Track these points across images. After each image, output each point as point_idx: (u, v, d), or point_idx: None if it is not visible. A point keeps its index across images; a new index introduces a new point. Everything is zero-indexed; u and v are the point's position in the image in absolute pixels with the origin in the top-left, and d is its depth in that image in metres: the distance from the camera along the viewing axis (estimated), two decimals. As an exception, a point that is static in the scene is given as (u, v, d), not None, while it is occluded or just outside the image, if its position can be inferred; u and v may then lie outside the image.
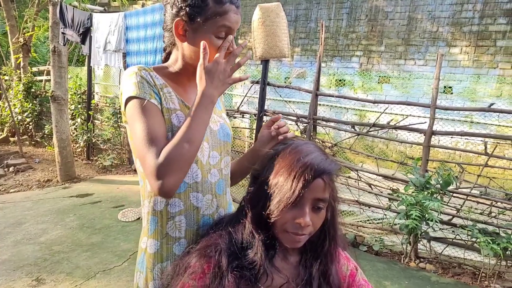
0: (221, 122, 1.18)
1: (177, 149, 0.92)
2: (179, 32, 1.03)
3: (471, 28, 6.35)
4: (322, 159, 0.91)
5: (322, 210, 0.91)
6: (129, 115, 0.99)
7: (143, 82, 1.00)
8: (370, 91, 7.20)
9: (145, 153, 0.94)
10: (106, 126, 6.92)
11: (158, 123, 0.98)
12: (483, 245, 3.04)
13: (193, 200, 1.08)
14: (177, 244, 1.08)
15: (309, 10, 7.92)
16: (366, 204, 4.01)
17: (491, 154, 3.52)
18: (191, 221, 1.08)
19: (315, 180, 0.87)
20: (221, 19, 0.99)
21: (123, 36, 4.58)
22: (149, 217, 1.09)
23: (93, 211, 4.35)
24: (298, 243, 0.91)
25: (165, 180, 0.91)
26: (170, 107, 1.04)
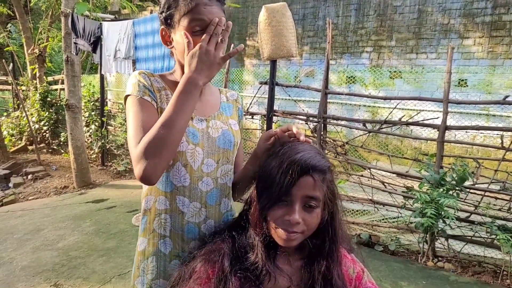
0: (224, 129, 1.16)
1: (154, 134, 0.94)
2: (165, 39, 1.11)
3: (483, 18, 6.20)
4: (311, 156, 0.91)
5: (316, 209, 0.91)
6: (126, 110, 1.06)
7: (139, 83, 1.05)
8: (382, 87, 7.10)
9: (131, 142, 0.98)
10: (120, 131, 7.01)
11: (149, 118, 1.01)
12: (503, 242, 2.95)
13: (179, 204, 1.09)
14: (162, 242, 1.10)
15: (317, 8, 7.86)
16: (380, 203, 3.95)
17: (508, 148, 3.42)
18: (176, 223, 1.09)
19: (303, 177, 0.87)
20: (191, 14, 1.01)
21: (132, 43, 4.64)
22: (140, 216, 1.15)
23: (108, 216, 4.41)
24: (290, 241, 0.90)
25: (143, 165, 0.92)
26: (165, 107, 1.05)
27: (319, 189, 0.90)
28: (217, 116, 1.17)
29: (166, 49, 4.04)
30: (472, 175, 3.33)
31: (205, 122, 1.13)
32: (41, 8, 8.58)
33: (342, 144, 4.57)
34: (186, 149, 1.07)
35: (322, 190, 0.91)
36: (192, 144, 1.08)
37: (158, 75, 1.13)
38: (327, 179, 0.93)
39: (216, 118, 1.17)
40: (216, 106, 1.20)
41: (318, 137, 4.30)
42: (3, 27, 10.05)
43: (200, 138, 1.10)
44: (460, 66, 6.34)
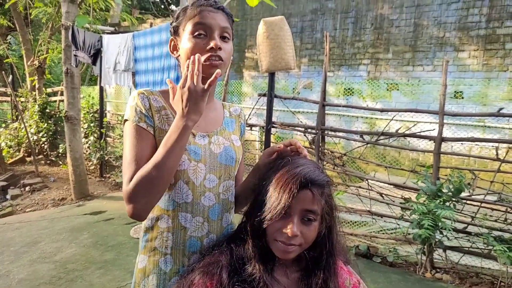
0: (226, 145, 1.17)
1: (145, 174, 0.95)
2: (172, 49, 1.15)
3: (478, 32, 6.31)
4: (310, 170, 0.93)
5: (314, 223, 0.93)
6: (124, 135, 1.08)
7: (136, 107, 1.06)
8: (379, 98, 7.17)
9: (124, 173, 1.00)
10: (118, 143, 7.02)
11: (142, 148, 1.02)
12: (500, 253, 2.96)
13: (181, 220, 1.09)
14: (163, 260, 1.09)
15: (315, 21, 7.98)
16: (378, 214, 3.96)
17: (502, 159, 3.45)
18: (178, 239, 1.09)
19: (302, 191, 0.90)
20: (195, 19, 1.06)
21: (132, 56, 4.69)
22: (142, 234, 1.15)
23: (106, 228, 4.39)
24: (288, 253, 0.92)
25: (133, 205, 0.97)
26: (165, 128, 1.07)
27: (318, 203, 0.92)
28: (219, 132, 1.18)
29: (165, 61, 4.10)
30: (468, 186, 3.35)
31: (207, 138, 1.14)
32: (41, 20, 8.67)
33: (340, 156, 4.60)
34: (188, 167, 1.07)
35: (320, 204, 0.93)
36: (194, 161, 1.08)
37: (158, 92, 1.13)
38: (325, 193, 0.95)
39: (219, 133, 1.17)
40: (219, 121, 1.21)
41: (316, 149, 4.33)
42: (3, 38, 10.12)
43: (202, 154, 1.10)
44: (455, 78, 6.42)
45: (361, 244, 3.84)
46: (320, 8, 7.88)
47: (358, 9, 7.47)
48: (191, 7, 1.09)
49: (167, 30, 4.08)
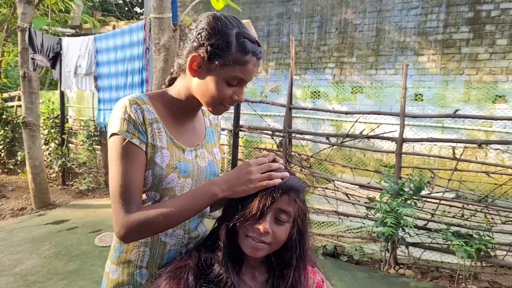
0: (209, 159, 1.15)
1: (152, 220, 0.93)
2: (193, 67, 1.00)
3: (436, 36, 6.60)
4: (290, 177, 0.97)
5: (286, 224, 0.95)
6: (109, 151, 0.98)
7: (129, 119, 0.97)
8: (345, 101, 7.35)
9: (117, 201, 0.95)
10: (81, 149, 6.80)
11: (135, 169, 0.96)
12: (457, 248, 3.10)
13: (161, 235, 1.07)
14: (138, 272, 1.07)
15: (281, 25, 8.07)
16: (344, 214, 4.05)
17: (459, 158, 3.63)
18: (155, 254, 1.07)
19: (280, 191, 0.92)
20: (239, 69, 0.97)
21: (94, 59, 4.57)
22: (115, 244, 1.10)
23: (69, 237, 4.24)
24: (257, 251, 0.93)
25: (129, 238, 0.96)
26: (157, 144, 1.01)
27: (292, 206, 0.94)
28: (204, 145, 1.16)
29: (129, 65, 4.01)
30: (428, 185, 3.50)
31: (194, 152, 1.11)
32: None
33: (307, 158, 4.67)
34: (176, 184, 1.04)
35: (294, 207, 0.95)
36: (183, 178, 1.06)
37: (148, 100, 1.04)
38: (300, 198, 0.97)
39: (203, 147, 1.15)
40: (202, 132, 1.18)
41: (284, 151, 4.37)
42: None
43: (190, 170, 1.08)
44: (416, 81, 6.68)
45: (328, 244, 3.91)
46: (286, 12, 7.99)
47: (323, 13, 7.63)
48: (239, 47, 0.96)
49: (130, 32, 4.00)
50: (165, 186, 1.03)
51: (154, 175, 1.01)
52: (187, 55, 1.01)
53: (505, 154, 5.52)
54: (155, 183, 1.02)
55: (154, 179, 1.02)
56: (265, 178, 0.92)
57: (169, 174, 1.03)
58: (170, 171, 1.03)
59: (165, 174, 1.02)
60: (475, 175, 5.16)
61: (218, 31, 0.96)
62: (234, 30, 0.96)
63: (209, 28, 0.97)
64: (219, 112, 1.07)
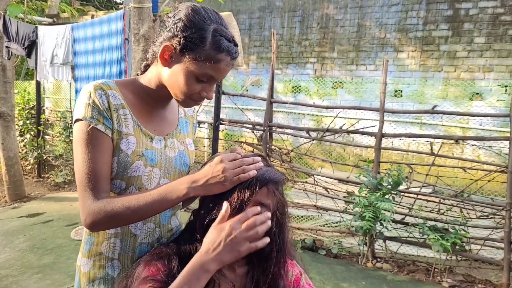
0: (181, 149, 1.12)
1: (119, 211, 0.91)
2: (164, 56, 0.97)
3: (416, 34, 6.70)
4: (268, 169, 0.95)
5: None
6: (74, 137, 0.96)
7: (94, 105, 0.95)
8: (325, 96, 7.39)
9: (83, 189, 0.92)
10: (58, 141, 6.64)
11: (101, 156, 0.94)
12: (434, 242, 3.18)
13: (131, 227, 1.04)
14: (110, 264, 1.05)
15: (263, 18, 8.04)
16: (323, 208, 4.09)
17: (436, 154, 3.70)
18: (126, 246, 1.05)
19: (258, 184, 0.91)
20: (210, 66, 0.94)
21: (71, 48, 4.43)
22: (85, 236, 1.08)
23: (44, 230, 4.15)
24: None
25: (95, 226, 0.93)
26: (123, 130, 0.99)
27: (271, 198, 0.94)
28: (175, 134, 1.12)
29: (107, 55, 3.91)
30: (406, 180, 3.56)
31: (163, 141, 1.08)
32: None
33: (287, 152, 4.68)
34: (143, 173, 1.01)
35: (273, 200, 0.94)
36: (150, 167, 1.03)
37: (115, 86, 1.01)
38: (279, 191, 0.97)
39: (174, 136, 1.12)
40: (174, 122, 1.15)
41: (264, 145, 4.37)
42: None
43: (158, 159, 1.05)
44: (395, 77, 6.77)
45: (307, 238, 3.94)
46: (268, 6, 7.95)
47: (305, 8, 7.62)
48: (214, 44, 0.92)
49: (108, 22, 3.90)
50: (130, 174, 1.00)
51: (119, 162, 0.98)
52: (161, 43, 0.98)
53: (481, 150, 5.68)
54: (120, 171, 0.99)
55: (119, 166, 0.98)
56: (239, 172, 0.90)
57: (135, 162, 1.00)
58: (136, 159, 1.00)
59: (130, 162, 0.99)
60: (452, 170, 5.29)
61: (195, 24, 0.93)
62: (211, 26, 0.93)
63: (185, 20, 0.94)
64: (187, 105, 1.04)
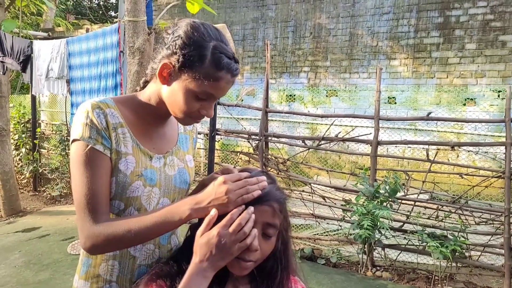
0: (180, 166, 1.09)
1: (120, 234, 0.88)
2: (163, 74, 0.95)
3: (407, 41, 6.79)
4: (271, 187, 0.93)
5: (272, 238, 0.92)
6: (71, 158, 0.93)
7: (92, 124, 0.92)
8: (320, 104, 7.43)
9: (82, 211, 0.90)
10: (54, 154, 6.60)
11: (100, 177, 0.92)
12: (433, 249, 3.14)
13: (130, 249, 1.02)
14: (108, 287, 1.02)
15: (256, 29, 8.11)
16: (321, 217, 4.08)
17: (433, 160, 3.72)
18: (125, 268, 1.02)
19: (263, 205, 0.89)
20: (210, 85, 0.91)
21: (66, 62, 4.44)
22: (83, 257, 1.05)
23: (40, 246, 4.09)
24: (245, 270, 0.90)
25: (95, 250, 0.92)
26: (121, 150, 0.97)
27: (278, 218, 0.92)
28: (174, 152, 1.09)
29: (102, 68, 3.92)
30: (403, 187, 3.57)
31: (162, 159, 1.05)
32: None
33: (283, 161, 4.69)
34: (142, 193, 0.99)
35: (279, 219, 0.93)
36: (149, 187, 1.00)
37: (114, 104, 0.99)
38: (283, 210, 0.95)
39: (174, 154, 1.09)
40: (173, 139, 1.12)
41: (260, 155, 4.38)
42: None
43: (157, 179, 1.02)
44: (389, 85, 6.84)
45: (305, 247, 3.92)
46: (261, 17, 8.03)
47: (297, 18, 7.70)
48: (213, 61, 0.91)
49: (103, 36, 3.92)
50: (129, 194, 0.98)
51: (118, 183, 0.96)
52: (160, 60, 0.96)
53: (476, 155, 5.71)
54: (118, 191, 0.97)
55: (117, 187, 0.96)
56: (243, 193, 0.86)
57: (134, 182, 0.97)
58: (135, 179, 0.98)
59: (129, 182, 0.97)
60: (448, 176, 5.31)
61: (194, 41, 0.91)
62: (211, 43, 0.91)
63: (185, 37, 0.92)
64: (186, 123, 1.03)
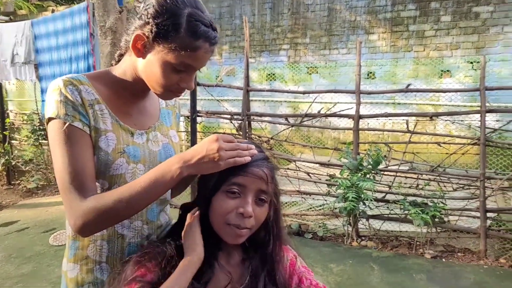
0: (164, 142, 1.06)
1: (111, 206, 0.83)
2: (137, 46, 0.90)
3: (385, 15, 6.77)
4: (262, 155, 0.93)
5: (265, 204, 0.92)
6: (50, 138, 0.88)
7: (66, 101, 0.87)
8: (301, 82, 7.40)
9: (68, 191, 0.85)
10: (26, 145, 6.37)
11: (82, 153, 0.87)
12: (414, 216, 3.27)
13: (118, 227, 0.98)
14: (98, 267, 0.99)
15: (233, 7, 7.92)
16: (307, 193, 4.11)
17: (412, 131, 3.77)
18: (114, 248, 0.99)
19: (256, 172, 0.88)
20: (187, 55, 0.87)
21: (32, 46, 4.22)
22: (69, 241, 1.01)
23: (20, 239, 3.99)
24: (239, 237, 0.89)
25: (87, 229, 0.86)
26: (100, 127, 0.92)
27: (269, 184, 0.91)
28: (157, 127, 1.06)
29: (72, 51, 3.75)
30: (385, 159, 3.62)
31: (145, 135, 1.02)
32: None
33: (267, 140, 4.66)
34: (126, 171, 0.95)
35: (271, 186, 0.92)
36: (133, 163, 0.97)
37: (87, 80, 0.94)
38: (274, 177, 0.95)
39: (157, 129, 1.06)
40: (155, 114, 1.09)
41: (244, 135, 4.33)
42: None
43: (141, 155, 0.99)
44: (368, 59, 6.84)
45: (293, 223, 3.95)
46: (238, -6, 7.85)
47: (274, -6, 7.57)
48: (189, 30, 0.86)
49: (71, 16, 3.73)
50: (113, 172, 0.93)
51: (100, 161, 0.92)
52: (132, 31, 0.91)
53: (453, 125, 5.84)
54: (101, 170, 0.92)
55: (100, 165, 0.92)
56: (235, 155, 0.84)
57: (116, 160, 0.94)
58: (117, 156, 0.94)
59: (111, 160, 0.93)
60: (426, 146, 5.42)
61: (167, 9, 0.85)
62: (185, 10, 0.86)
63: (157, 5, 0.86)
64: (166, 98, 0.99)
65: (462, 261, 3.32)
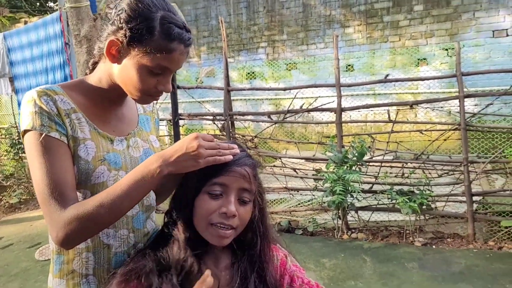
0: (145, 147, 1.05)
1: (92, 212, 0.81)
2: (112, 52, 0.89)
3: (359, 8, 6.85)
4: (243, 154, 0.93)
5: (249, 204, 0.91)
6: (27, 150, 0.87)
7: (41, 112, 0.86)
8: (281, 79, 7.42)
9: (47, 202, 0.83)
10: (6, 160, 6.20)
11: (61, 163, 0.85)
12: (402, 205, 3.30)
13: (103, 237, 0.96)
14: (85, 281, 0.96)
15: (208, 8, 7.88)
16: (294, 189, 4.13)
17: (394, 120, 3.83)
18: (100, 259, 0.96)
19: (238, 169, 0.88)
20: (163, 57, 0.87)
21: (6, 59, 4.11)
22: (54, 256, 0.99)
23: (5, 256, 3.88)
24: (224, 238, 0.88)
25: (70, 240, 0.84)
26: (79, 136, 0.91)
27: (253, 183, 0.91)
28: (137, 133, 1.05)
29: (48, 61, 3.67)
30: (369, 150, 3.66)
31: (125, 142, 1.01)
32: None
33: (251, 138, 4.66)
34: (108, 178, 0.94)
35: (254, 184, 0.92)
36: (115, 171, 0.95)
37: (61, 90, 0.93)
38: (256, 175, 0.94)
39: (136, 135, 1.05)
40: (134, 120, 1.08)
41: (227, 135, 4.31)
42: None
43: (122, 161, 0.98)
44: (345, 52, 6.91)
45: (282, 221, 3.96)
46: (212, -6, 7.81)
47: (249, -7, 7.56)
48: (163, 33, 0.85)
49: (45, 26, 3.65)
50: (94, 181, 0.92)
51: (80, 171, 0.90)
52: (106, 38, 0.90)
53: (433, 112, 5.95)
54: (82, 179, 0.91)
55: (80, 175, 0.90)
56: (215, 154, 0.85)
57: (97, 168, 0.92)
58: (98, 164, 0.92)
59: (92, 168, 0.91)
60: (409, 135, 5.51)
61: (139, 14, 0.85)
62: (158, 13, 0.86)
63: (129, 10, 0.86)
64: (144, 102, 0.98)
65: (452, 246, 3.37)
